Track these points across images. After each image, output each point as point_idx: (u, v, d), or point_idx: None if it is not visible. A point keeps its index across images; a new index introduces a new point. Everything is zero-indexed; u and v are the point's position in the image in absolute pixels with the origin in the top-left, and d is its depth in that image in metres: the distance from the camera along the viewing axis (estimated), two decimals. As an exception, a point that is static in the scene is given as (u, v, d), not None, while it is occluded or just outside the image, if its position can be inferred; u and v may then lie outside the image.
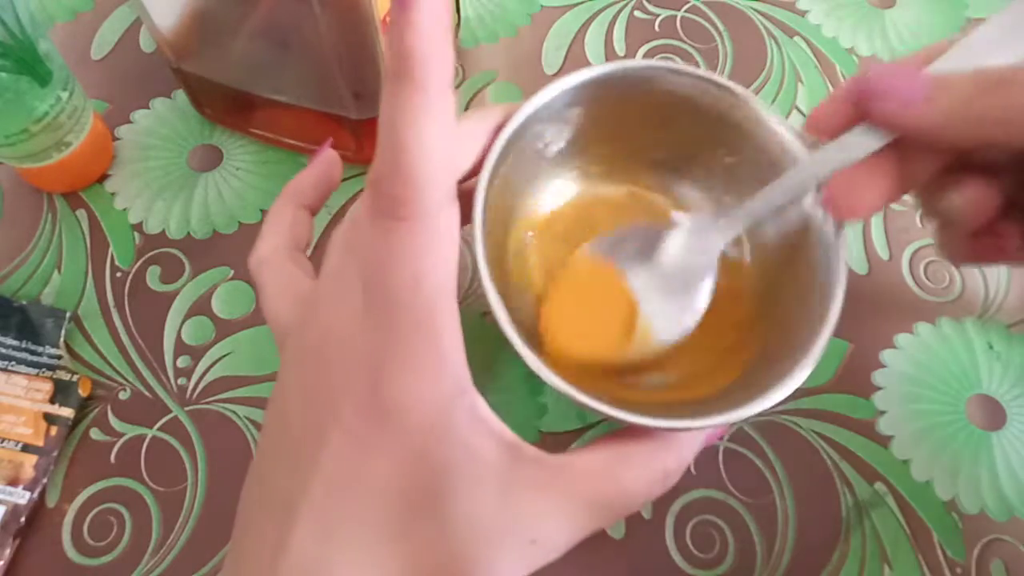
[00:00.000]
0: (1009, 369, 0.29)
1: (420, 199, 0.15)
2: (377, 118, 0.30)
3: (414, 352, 0.15)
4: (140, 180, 0.32)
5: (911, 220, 0.32)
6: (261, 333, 0.29)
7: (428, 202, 0.15)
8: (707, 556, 0.26)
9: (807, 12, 0.38)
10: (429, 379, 0.16)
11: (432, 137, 0.15)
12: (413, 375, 0.16)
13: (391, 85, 0.15)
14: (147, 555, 0.25)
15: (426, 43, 0.14)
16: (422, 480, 0.16)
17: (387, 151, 0.15)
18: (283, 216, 0.22)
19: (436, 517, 0.16)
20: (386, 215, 0.15)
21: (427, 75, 0.14)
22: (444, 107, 0.15)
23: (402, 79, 0.14)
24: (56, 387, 0.27)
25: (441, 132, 0.15)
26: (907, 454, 0.27)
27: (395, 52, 0.14)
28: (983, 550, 0.26)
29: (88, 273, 0.30)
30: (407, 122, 0.15)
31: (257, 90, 0.30)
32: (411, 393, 0.16)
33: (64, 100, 0.29)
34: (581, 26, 0.37)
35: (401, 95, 0.15)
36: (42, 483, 0.26)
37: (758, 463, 0.27)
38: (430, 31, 0.14)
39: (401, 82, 0.14)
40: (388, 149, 0.15)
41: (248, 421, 0.27)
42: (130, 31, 0.36)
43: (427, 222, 0.15)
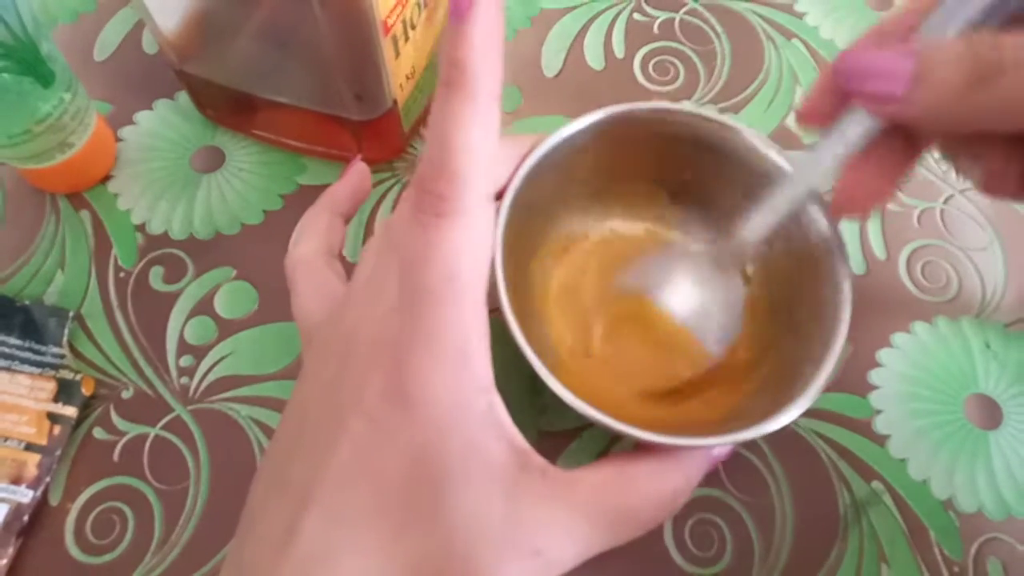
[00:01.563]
0: (1006, 368, 0.29)
1: (462, 196, 0.16)
2: (379, 119, 0.31)
3: (441, 344, 0.16)
4: (143, 181, 0.32)
5: (908, 220, 0.32)
6: (263, 333, 0.29)
7: (469, 200, 0.16)
8: (705, 554, 0.26)
9: (805, 14, 0.38)
10: (453, 372, 0.16)
11: (478, 142, 0.16)
12: (438, 365, 0.16)
13: (443, 92, 0.16)
14: (149, 553, 0.25)
15: (479, 55, 0.15)
16: (432, 472, 0.16)
17: (434, 152, 0.16)
18: (319, 222, 0.23)
19: (442, 512, 0.16)
20: (428, 211, 0.16)
21: (478, 86, 0.15)
22: (491, 116, 0.16)
23: (454, 87, 0.15)
24: (59, 386, 0.27)
25: (486, 138, 0.16)
26: (904, 453, 0.28)
27: (449, 61, 0.15)
28: (980, 549, 0.26)
29: (91, 273, 0.30)
30: (456, 127, 0.15)
31: (259, 91, 0.30)
32: (434, 383, 0.16)
33: (67, 101, 0.29)
34: (580, 29, 0.37)
35: (452, 102, 0.15)
36: (45, 482, 0.26)
37: (756, 462, 0.27)
38: (484, 44, 0.15)
39: (453, 90, 0.15)
40: (435, 150, 0.16)
41: (251, 420, 0.28)
42: (132, 33, 0.36)
43: (466, 219, 0.16)
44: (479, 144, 0.16)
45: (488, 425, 0.17)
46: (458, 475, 0.16)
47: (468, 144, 0.16)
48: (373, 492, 0.16)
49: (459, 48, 0.15)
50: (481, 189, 0.16)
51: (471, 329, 0.16)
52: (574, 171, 0.25)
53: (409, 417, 0.16)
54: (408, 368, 0.16)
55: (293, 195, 0.32)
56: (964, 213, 0.33)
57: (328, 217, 0.23)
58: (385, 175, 0.33)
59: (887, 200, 0.20)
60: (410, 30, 0.28)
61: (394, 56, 0.27)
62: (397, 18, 0.26)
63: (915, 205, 0.33)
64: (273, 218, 0.32)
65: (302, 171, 0.33)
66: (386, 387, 0.16)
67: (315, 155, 0.33)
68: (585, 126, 0.23)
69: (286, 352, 0.29)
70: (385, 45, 0.26)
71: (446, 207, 0.16)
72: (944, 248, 0.32)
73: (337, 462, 0.16)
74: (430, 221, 0.16)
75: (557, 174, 0.24)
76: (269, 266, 0.31)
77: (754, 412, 0.21)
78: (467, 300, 0.16)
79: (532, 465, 0.17)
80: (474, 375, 0.16)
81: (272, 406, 0.28)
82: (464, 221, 0.16)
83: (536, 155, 0.23)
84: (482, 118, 0.16)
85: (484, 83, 0.15)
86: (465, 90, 0.15)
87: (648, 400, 0.25)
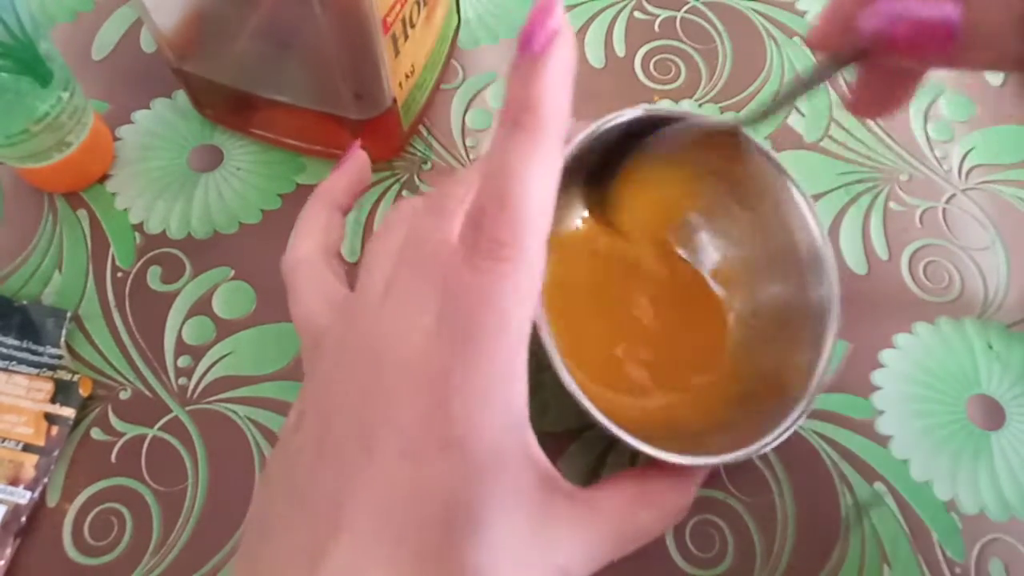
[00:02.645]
0: (1008, 369, 0.29)
1: (521, 244, 0.15)
2: (377, 119, 0.31)
3: (487, 386, 0.16)
4: (141, 180, 0.32)
5: (910, 220, 0.32)
6: (262, 333, 0.29)
7: (529, 247, 0.15)
8: (707, 555, 0.26)
9: (806, 12, 0.38)
10: (497, 412, 0.16)
11: (541, 187, 0.15)
12: (481, 406, 0.16)
13: (509, 131, 0.15)
14: (148, 555, 0.25)
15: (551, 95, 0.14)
16: (467, 507, 0.16)
17: (496, 193, 0.15)
18: (317, 218, 0.22)
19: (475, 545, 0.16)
20: (486, 255, 0.15)
21: (548, 129, 0.15)
22: (556, 159, 0.15)
23: (521, 128, 0.15)
24: (57, 387, 0.27)
25: (550, 182, 0.15)
26: (906, 454, 0.27)
27: (518, 100, 0.14)
28: (982, 550, 0.26)
29: (89, 273, 0.30)
30: (522, 171, 0.15)
31: (258, 90, 0.30)
32: (476, 422, 0.16)
33: (65, 100, 0.29)
34: (581, 27, 0.37)
35: (520, 144, 0.15)
36: (43, 483, 0.26)
37: (757, 463, 0.27)
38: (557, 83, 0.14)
39: (521, 131, 0.15)
40: (497, 191, 0.15)
41: (248, 421, 0.27)
42: (131, 31, 0.36)
43: (524, 268, 0.15)
44: (543, 189, 0.15)
45: (522, 461, 0.17)
46: (490, 511, 0.16)
47: (533, 189, 0.15)
48: (404, 518, 0.16)
49: (531, 87, 0.14)
50: (541, 235, 0.16)
51: (516, 371, 0.16)
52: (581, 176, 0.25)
53: (446, 454, 0.16)
54: (451, 406, 0.16)
55: (292, 194, 0.32)
56: (966, 212, 0.32)
57: (326, 213, 0.22)
58: (384, 174, 0.32)
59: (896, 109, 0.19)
60: (409, 28, 0.28)
61: (393, 55, 0.27)
62: (396, 16, 0.26)
63: (917, 205, 0.33)
64: (271, 217, 0.32)
65: (301, 170, 0.33)
66: (428, 423, 0.16)
67: (314, 154, 0.33)
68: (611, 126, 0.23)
69: (285, 352, 0.29)
70: (384, 44, 0.26)
71: (508, 253, 0.15)
72: (946, 248, 0.32)
73: (371, 490, 0.16)
74: (489, 267, 0.15)
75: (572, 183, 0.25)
76: (267, 266, 0.30)
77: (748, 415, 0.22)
78: (516, 342, 0.16)
79: (560, 491, 0.18)
80: (513, 415, 0.16)
81: (271, 407, 0.28)
82: (523, 268, 0.15)
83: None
84: (549, 163, 0.15)
85: (555, 126, 0.15)
86: (535, 133, 0.15)
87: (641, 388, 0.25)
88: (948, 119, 0.35)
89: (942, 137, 0.34)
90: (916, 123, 0.35)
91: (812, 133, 0.34)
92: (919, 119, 0.35)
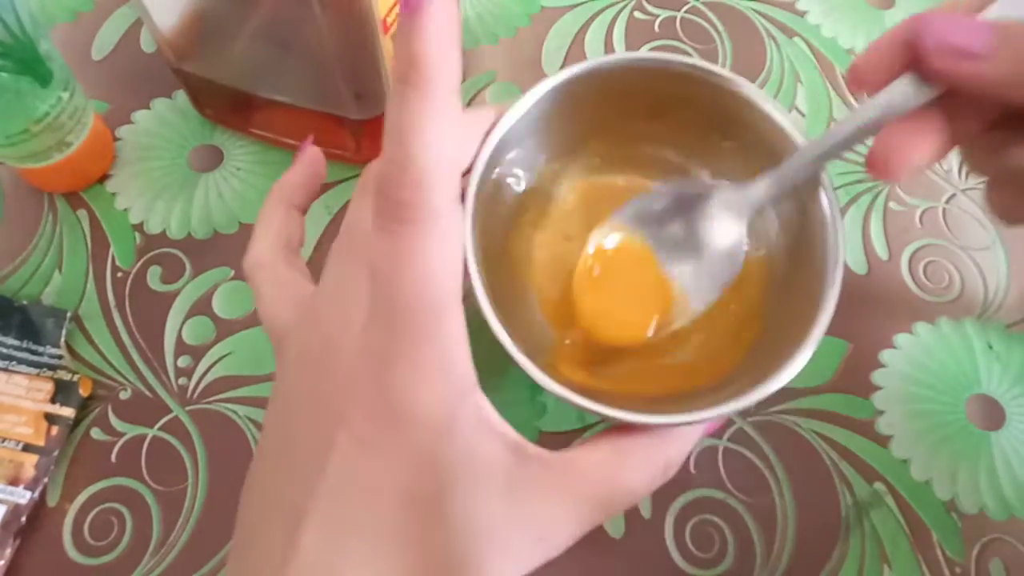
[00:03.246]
0: (1008, 369, 0.29)
1: (426, 203, 0.15)
2: (377, 118, 0.31)
3: (421, 354, 0.15)
4: (141, 180, 0.32)
5: (911, 220, 0.32)
6: (261, 333, 0.29)
7: (434, 205, 0.15)
8: (707, 555, 0.26)
9: (806, 12, 0.38)
10: (436, 381, 0.16)
11: (439, 142, 0.15)
12: (420, 377, 0.16)
13: (398, 90, 0.15)
14: (148, 555, 0.25)
15: (434, 49, 0.14)
16: (428, 482, 0.16)
17: (394, 156, 0.15)
18: (274, 217, 0.22)
19: (443, 520, 0.16)
20: (392, 219, 0.15)
21: (435, 81, 0.14)
22: (451, 112, 0.15)
23: (409, 85, 0.14)
24: (57, 387, 0.27)
25: (447, 137, 0.15)
26: (906, 454, 0.27)
27: (402, 57, 0.14)
28: (982, 550, 0.26)
29: (89, 273, 0.30)
30: (414, 127, 0.15)
31: (257, 90, 0.30)
32: (418, 395, 0.16)
33: (65, 100, 0.29)
34: (581, 27, 0.37)
35: (408, 100, 0.14)
36: (43, 483, 0.26)
37: (758, 463, 0.27)
38: (438, 37, 0.14)
39: (408, 88, 0.14)
40: (395, 154, 0.15)
41: (248, 421, 0.27)
42: (131, 31, 0.36)
43: (433, 225, 0.15)
44: (440, 144, 0.15)
45: (478, 427, 0.17)
46: (455, 483, 0.16)
47: (427, 145, 0.15)
48: (368, 508, 0.16)
49: (413, 42, 0.14)
50: (447, 192, 0.15)
51: (450, 335, 0.16)
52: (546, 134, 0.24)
53: (398, 434, 0.16)
54: (391, 385, 0.16)
55: (292, 194, 0.32)
56: (966, 212, 0.32)
57: (282, 211, 0.22)
58: (384, 174, 0.32)
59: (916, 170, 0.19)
60: (409, 28, 0.28)
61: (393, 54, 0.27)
62: (396, 16, 0.26)
63: (917, 205, 0.33)
64: (272, 218, 0.32)
65: (301, 170, 0.33)
66: (371, 406, 0.16)
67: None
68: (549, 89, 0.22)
69: (285, 352, 0.29)
70: (384, 43, 0.26)
71: (412, 214, 0.15)
72: (946, 248, 0.32)
73: (329, 482, 0.16)
74: (396, 229, 0.15)
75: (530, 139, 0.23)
76: (268, 266, 0.30)
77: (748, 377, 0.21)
78: (443, 307, 0.16)
79: (528, 456, 0.17)
80: (457, 381, 0.16)
81: (271, 407, 0.28)
82: (431, 227, 0.15)
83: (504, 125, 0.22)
84: (442, 116, 0.15)
85: (443, 78, 0.14)
86: (423, 87, 0.14)
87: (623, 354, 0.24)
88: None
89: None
90: (916, 123, 0.35)
91: (812, 133, 0.34)
92: (919, 119, 0.35)
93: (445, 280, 0.16)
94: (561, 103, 0.23)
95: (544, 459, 0.17)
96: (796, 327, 0.21)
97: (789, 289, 0.23)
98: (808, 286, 0.22)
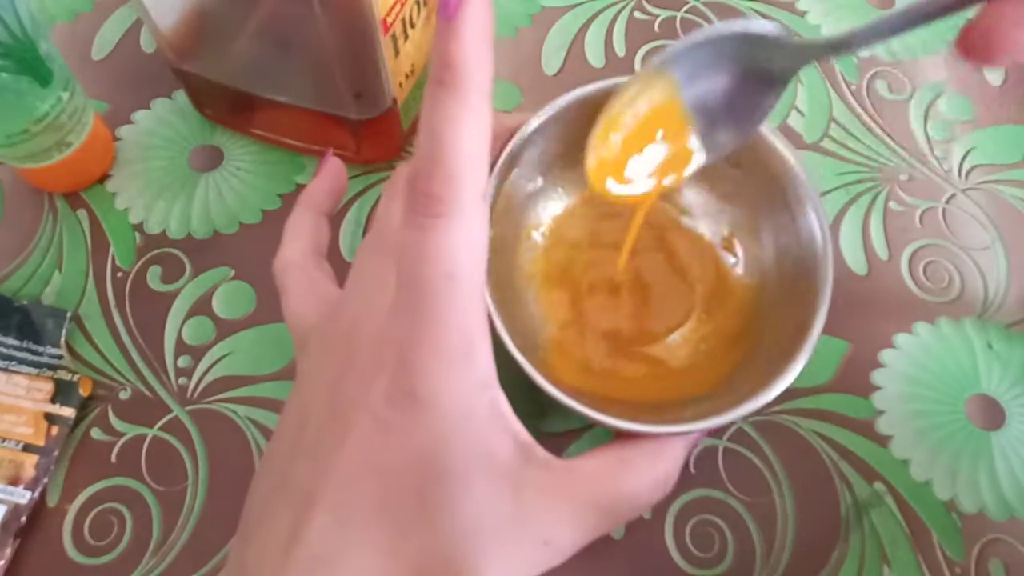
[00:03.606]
0: (1008, 369, 0.29)
1: (456, 197, 0.15)
2: (377, 118, 0.31)
3: (445, 342, 0.16)
4: (141, 180, 0.32)
5: (910, 220, 0.32)
6: (262, 333, 0.29)
7: (463, 200, 0.16)
8: (706, 556, 0.26)
9: (806, 12, 0.38)
10: (458, 370, 0.16)
11: (470, 141, 0.15)
12: (443, 364, 0.16)
13: (433, 90, 0.15)
14: (148, 555, 0.25)
15: (470, 53, 0.15)
16: (438, 471, 0.16)
17: (426, 152, 0.16)
18: (303, 222, 0.23)
19: (448, 510, 0.16)
20: (423, 213, 0.16)
21: (469, 84, 0.15)
22: (482, 113, 0.16)
23: (445, 86, 0.15)
24: (57, 387, 0.27)
25: (479, 136, 0.16)
26: (906, 454, 0.27)
27: (439, 60, 0.15)
28: (982, 550, 0.26)
29: (89, 273, 0.30)
30: (448, 127, 0.15)
31: (258, 90, 0.30)
32: (439, 381, 0.16)
33: (65, 100, 0.29)
34: (581, 27, 0.37)
35: (443, 101, 0.15)
36: (43, 483, 0.26)
37: (757, 463, 0.27)
38: (474, 42, 0.15)
39: (443, 89, 0.15)
40: (428, 150, 0.15)
41: (249, 421, 0.27)
42: (131, 31, 0.36)
43: (462, 219, 0.16)
44: (472, 143, 0.16)
45: (492, 421, 0.17)
46: (464, 473, 0.16)
47: (461, 143, 0.15)
48: (379, 490, 0.16)
49: (449, 46, 0.15)
50: (475, 188, 0.16)
51: (473, 326, 0.16)
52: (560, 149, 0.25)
53: (415, 417, 0.16)
54: (413, 367, 0.16)
55: (292, 195, 0.32)
56: (966, 212, 0.32)
57: (312, 217, 0.24)
58: (384, 174, 0.32)
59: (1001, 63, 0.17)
60: (409, 28, 0.28)
61: (393, 55, 0.27)
62: (396, 16, 0.26)
63: (917, 205, 0.33)
64: (272, 218, 0.32)
65: (301, 170, 0.33)
66: (392, 387, 0.16)
67: (314, 154, 0.33)
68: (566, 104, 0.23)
69: (284, 353, 0.29)
70: (384, 43, 0.26)
71: (442, 208, 0.15)
72: (946, 248, 0.32)
73: (343, 460, 0.16)
74: (427, 223, 0.16)
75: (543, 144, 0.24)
76: (267, 266, 0.30)
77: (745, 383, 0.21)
78: (468, 297, 0.16)
79: (536, 458, 0.18)
80: (477, 372, 0.17)
81: (270, 407, 0.28)
82: (460, 221, 0.16)
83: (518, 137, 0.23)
84: (475, 116, 0.15)
85: (476, 81, 0.15)
86: (457, 88, 0.15)
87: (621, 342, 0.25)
88: (948, 119, 0.35)
89: (942, 137, 0.34)
90: (916, 123, 0.35)
91: (811, 133, 0.34)
92: (919, 119, 0.35)
93: (470, 273, 0.16)
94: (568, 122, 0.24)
95: (551, 464, 0.18)
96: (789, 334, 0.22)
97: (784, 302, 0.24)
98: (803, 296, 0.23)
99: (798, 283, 0.23)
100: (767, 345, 0.23)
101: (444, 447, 0.16)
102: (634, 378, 0.25)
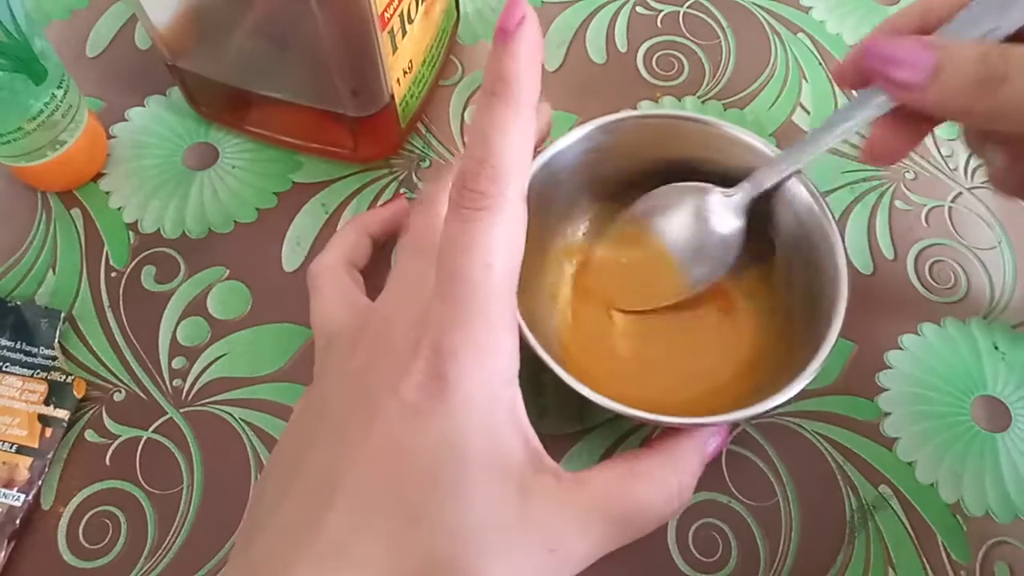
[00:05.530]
0: (1014, 370, 0.29)
1: (502, 192, 0.17)
2: (375, 116, 0.30)
3: (477, 330, 0.17)
4: (135, 179, 0.32)
5: (916, 219, 0.32)
6: (257, 334, 0.29)
7: (507, 196, 0.17)
8: (710, 560, 0.25)
9: (811, 8, 0.38)
10: (486, 358, 0.17)
11: (517, 146, 0.17)
12: (473, 350, 0.17)
13: (488, 100, 0.17)
14: (143, 558, 0.25)
15: (523, 70, 0.17)
16: (454, 459, 0.17)
17: (476, 154, 0.17)
18: (348, 236, 0.26)
19: (456, 501, 0.16)
20: (470, 206, 0.17)
21: (519, 96, 0.17)
22: (529, 123, 0.17)
23: (499, 97, 0.17)
24: (51, 388, 0.27)
25: (524, 143, 0.17)
26: (912, 456, 0.27)
27: (493, 73, 0.17)
28: (987, 553, 0.26)
29: (83, 273, 0.30)
30: (499, 133, 0.17)
31: (254, 87, 0.30)
32: (469, 369, 0.17)
33: (59, 98, 0.28)
34: (582, 22, 0.37)
35: (495, 110, 0.17)
36: (37, 485, 0.26)
37: (762, 466, 0.27)
38: (526, 60, 0.17)
39: (496, 99, 0.17)
40: (478, 152, 0.17)
41: (244, 423, 0.27)
42: (125, 28, 0.36)
43: (504, 215, 0.17)
44: (519, 148, 0.17)
45: (510, 420, 0.17)
46: (477, 469, 0.17)
47: (509, 147, 0.17)
48: (397, 474, 0.17)
49: (505, 63, 0.16)
50: (518, 188, 0.17)
51: (504, 320, 0.17)
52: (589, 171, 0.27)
53: (443, 402, 0.17)
54: (446, 351, 0.17)
55: (287, 193, 0.32)
56: (972, 212, 0.32)
57: (356, 234, 0.26)
58: (382, 172, 0.32)
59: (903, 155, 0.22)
60: (407, 24, 0.27)
61: (391, 51, 0.27)
62: (394, 12, 0.26)
63: (923, 204, 0.32)
64: (267, 216, 0.31)
65: (297, 168, 0.32)
66: (426, 368, 0.17)
67: (310, 152, 0.32)
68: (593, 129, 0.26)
69: (280, 354, 0.28)
70: (382, 39, 0.26)
71: (487, 202, 0.17)
72: (952, 247, 0.31)
73: (370, 444, 0.17)
74: (471, 215, 0.17)
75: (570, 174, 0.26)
76: (263, 265, 0.30)
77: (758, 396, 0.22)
78: (501, 291, 0.17)
79: (545, 467, 0.18)
80: (503, 368, 0.17)
81: (266, 409, 0.27)
82: (503, 216, 0.17)
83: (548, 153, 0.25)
84: (522, 126, 0.17)
85: (525, 94, 0.17)
86: (509, 100, 0.17)
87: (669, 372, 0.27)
88: (954, 116, 0.34)
89: (948, 135, 0.34)
90: (921, 120, 0.34)
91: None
92: (924, 116, 0.34)
93: (506, 266, 0.17)
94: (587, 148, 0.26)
95: (559, 474, 0.18)
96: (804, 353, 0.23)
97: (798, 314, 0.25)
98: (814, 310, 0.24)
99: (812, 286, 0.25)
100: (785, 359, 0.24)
101: (464, 436, 0.17)
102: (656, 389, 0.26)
